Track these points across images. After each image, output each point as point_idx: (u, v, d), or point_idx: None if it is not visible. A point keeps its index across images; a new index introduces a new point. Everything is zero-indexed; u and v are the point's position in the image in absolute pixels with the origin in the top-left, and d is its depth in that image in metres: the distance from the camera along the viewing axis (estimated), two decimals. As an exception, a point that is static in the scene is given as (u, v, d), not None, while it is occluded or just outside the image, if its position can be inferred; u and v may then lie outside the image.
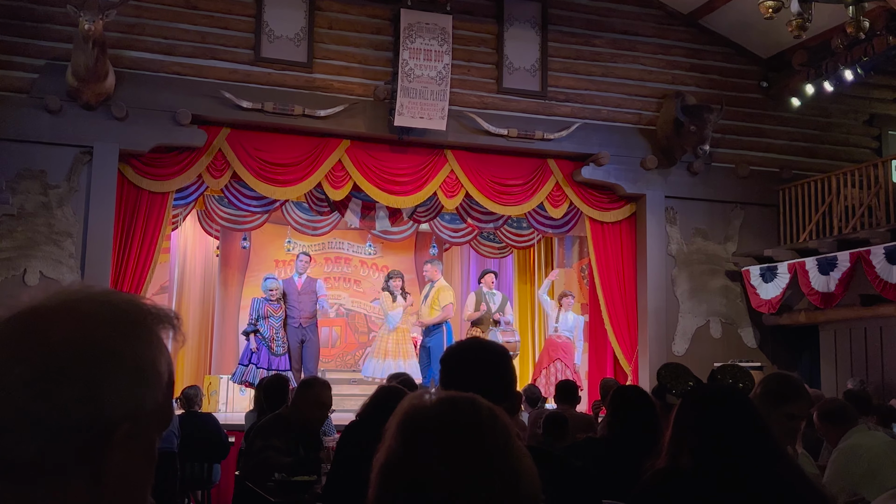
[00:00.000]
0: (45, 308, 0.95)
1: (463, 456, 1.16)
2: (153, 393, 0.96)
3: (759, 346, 11.35)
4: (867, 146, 12.29)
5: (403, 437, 1.20)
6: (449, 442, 1.17)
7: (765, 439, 2.35)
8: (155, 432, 0.98)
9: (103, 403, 0.91)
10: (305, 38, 10.30)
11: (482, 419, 1.20)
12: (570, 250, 13.34)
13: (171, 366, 1.00)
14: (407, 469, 1.18)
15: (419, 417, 1.21)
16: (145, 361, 0.96)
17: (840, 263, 9.78)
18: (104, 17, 8.73)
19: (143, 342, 0.96)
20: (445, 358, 2.42)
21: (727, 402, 2.43)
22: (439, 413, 1.21)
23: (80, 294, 0.97)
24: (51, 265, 9.27)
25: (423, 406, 1.23)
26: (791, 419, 3.20)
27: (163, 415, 0.98)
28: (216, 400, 11.83)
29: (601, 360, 11.67)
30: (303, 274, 11.46)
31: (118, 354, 0.94)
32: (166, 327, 1.00)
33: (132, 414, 0.93)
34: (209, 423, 8.09)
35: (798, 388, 3.31)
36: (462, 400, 1.24)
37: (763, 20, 8.75)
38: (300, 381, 5.83)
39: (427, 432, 1.19)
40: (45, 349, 0.91)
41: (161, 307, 1.01)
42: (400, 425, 1.22)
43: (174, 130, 9.76)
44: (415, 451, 1.18)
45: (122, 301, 0.98)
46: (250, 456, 5.18)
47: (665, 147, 11.19)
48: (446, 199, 10.95)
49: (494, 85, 10.87)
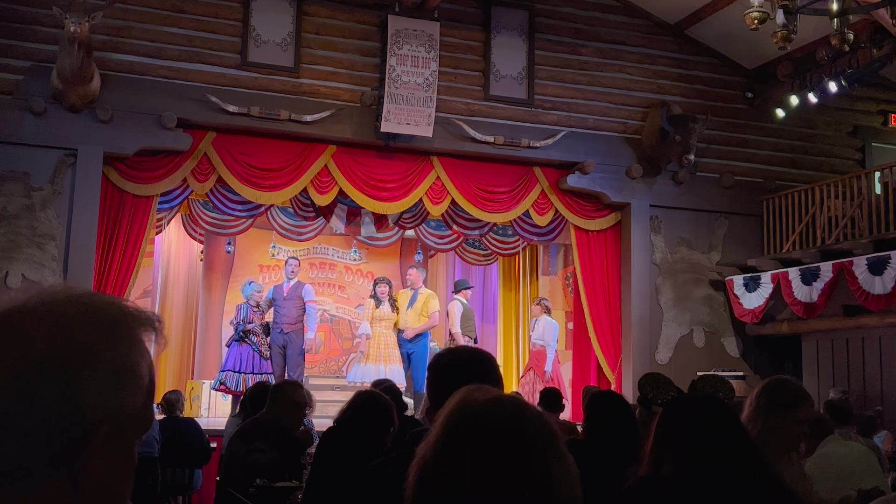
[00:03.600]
0: (25, 309, 0.94)
1: (499, 456, 1.16)
2: (133, 396, 0.95)
3: (741, 355, 11.40)
4: (851, 157, 12.38)
5: (446, 432, 1.21)
6: (488, 441, 1.17)
7: (745, 447, 2.36)
8: (135, 436, 0.97)
9: (82, 406, 0.91)
10: (292, 43, 10.29)
11: (526, 421, 1.21)
12: (554, 258, 13.36)
13: (151, 369, 0.99)
14: (444, 464, 1.18)
15: (464, 413, 1.22)
16: (126, 364, 0.95)
17: (823, 274, 9.84)
18: (90, 20, 8.69)
19: (124, 344, 0.95)
20: (433, 365, 2.43)
21: (707, 411, 2.44)
22: (484, 411, 1.21)
23: (61, 295, 0.96)
24: (33, 268, 9.21)
25: (470, 403, 1.23)
26: (798, 424, 3.23)
27: (143, 418, 0.98)
28: (198, 405, 11.77)
29: (585, 368, 11.68)
30: (292, 279, 11.41)
31: (98, 356, 0.93)
32: (148, 330, 0.99)
33: (111, 417, 0.92)
34: (191, 428, 8.06)
35: (802, 392, 3.35)
36: (509, 401, 1.25)
37: (748, 31, 8.77)
38: (272, 386, 5.84)
39: (469, 429, 1.19)
40: (24, 351, 0.90)
41: (143, 310, 1.00)
42: (446, 419, 1.22)
43: (159, 134, 9.72)
44: (454, 447, 1.18)
45: (103, 303, 0.97)
46: (232, 460, 5.15)
47: (650, 156, 11.24)
48: (432, 206, 10.95)
49: (481, 92, 10.89)
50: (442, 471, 1.17)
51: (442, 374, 2.38)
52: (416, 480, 1.20)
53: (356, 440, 4.19)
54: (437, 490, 1.17)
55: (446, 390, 2.36)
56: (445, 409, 1.24)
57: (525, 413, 1.22)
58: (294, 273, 11.48)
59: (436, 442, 1.21)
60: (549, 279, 13.33)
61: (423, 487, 1.19)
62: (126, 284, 9.68)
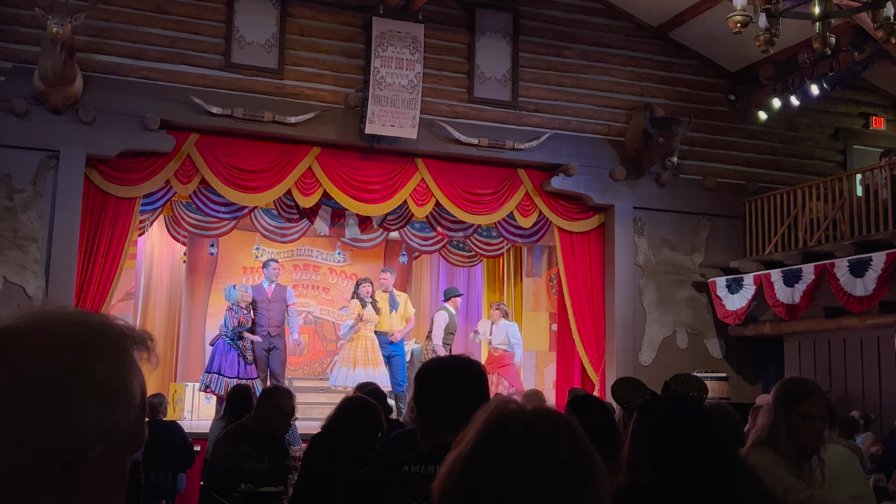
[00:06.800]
0: (17, 328, 0.94)
1: (521, 468, 1.16)
2: (126, 415, 0.95)
3: (724, 356, 11.45)
4: (832, 160, 12.46)
5: (477, 438, 1.21)
6: (511, 452, 1.18)
7: (719, 446, 2.34)
8: (127, 455, 0.97)
9: (75, 425, 0.90)
10: (276, 45, 10.27)
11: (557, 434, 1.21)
12: (538, 260, 13.37)
13: (144, 388, 0.99)
14: (471, 467, 1.19)
15: (496, 422, 1.22)
16: (118, 383, 0.95)
17: (805, 276, 9.90)
18: (73, 21, 8.63)
19: (117, 364, 0.95)
20: (421, 374, 2.43)
21: (680, 414, 2.42)
22: (517, 422, 1.21)
23: (53, 315, 0.96)
24: (15, 270, 9.14)
25: (504, 411, 1.23)
26: (805, 420, 3.25)
27: (135, 437, 0.97)
28: (181, 408, 11.71)
29: (569, 370, 11.71)
30: (273, 282, 11.37)
31: (91, 376, 0.92)
32: (140, 349, 0.99)
33: (104, 436, 0.92)
34: (174, 431, 8.02)
35: (808, 388, 3.38)
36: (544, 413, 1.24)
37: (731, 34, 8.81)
38: (262, 391, 5.80)
39: (497, 438, 1.20)
40: (16, 370, 0.90)
41: (135, 328, 1.00)
42: (480, 426, 1.22)
43: (142, 135, 9.67)
44: (481, 454, 1.19)
45: (95, 322, 0.97)
46: (219, 463, 5.14)
47: (634, 158, 11.28)
48: (416, 208, 10.95)
49: (465, 94, 10.90)
50: (471, 475, 1.17)
51: (430, 384, 2.39)
52: (444, 480, 1.20)
53: (344, 446, 4.18)
54: (465, 495, 1.17)
55: (434, 399, 2.38)
56: (481, 413, 1.23)
57: (557, 427, 1.22)
58: (276, 275, 11.44)
59: (466, 446, 1.21)
60: (533, 281, 13.35)
61: (451, 491, 1.19)
62: (108, 287, 9.63)
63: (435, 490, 1.21)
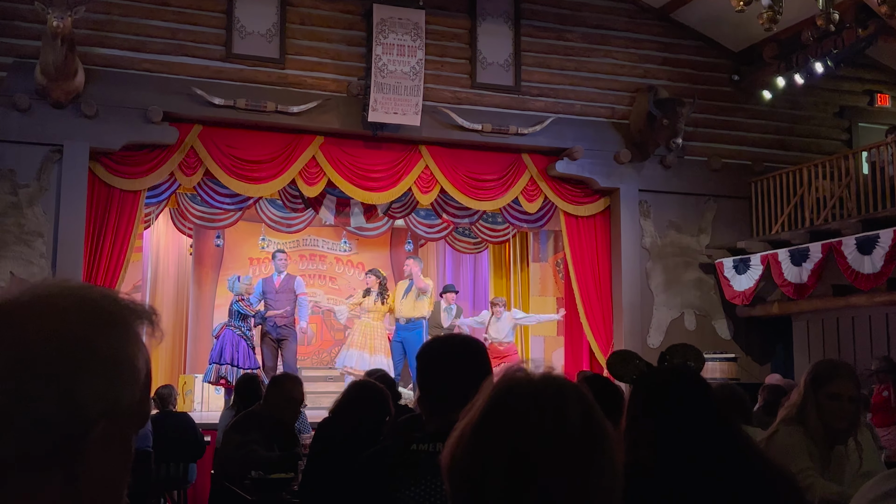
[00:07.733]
0: (20, 303, 0.92)
1: (531, 436, 1.14)
2: (130, 390, 0.94)
3: (733, 337, 11.44)
4: (838, 138, 12.41)
5: (486, 407, 1.19)
6: (520, 419, 1.15)
7: (718, 421, 2.24)
8: (132, 430, 0.96)
9: (80, 400, 0.89)
10: (277, 34, 10.24)
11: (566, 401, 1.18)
12: (544, 245, 13.36)
13: (148, 362, 0.98)
14: (480, 436, 1.16)
15: (504, 390, 1.20)
16: (123, 357, 0.94)
17: (812, 254, 9.87)
18: (73, 14, 8.62)
19: (121, 338, 0.94)
20: (422, 353, 2.42)
21: (677, 383, 2.32)
22: (525, 389, 1.19)
23: (56, 289, 0.95)
24: (21, 265, 9.16)
25: (512, 378, 1.21)
26: (833, 399, 3.25)
27: (140, 412, 0.96)
28: (191, 399, 11.75)
29: (577, 354, 11.71)
30: (282, 272, 11.37)
31: (95, 350, 0.91)
32: (144, 323, 0.98)
33: (109, 411, 0.91)
34: (184, 422, 8.05)
35: (837, 368, 3.39)
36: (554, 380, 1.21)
37: (734, 13, 8.80)
38: (271, 379, 5.80)
39: (505, 406, 1.17)
40: (19, 345, 0.89)
41: (139, 302, 0.99)
42: (489, 394, 1.20)
43: (145, 128, 9.67)
44: (490, 422, 1.17)
45: (98, 296, 0.96)
46: (229, 451, 5.15)
47: (638, 141, 11.24)
48: (421, 195, 10.93)
49: (468, 80, 10.86)
50: (480, 444, 1.16)
51: (431, 362, 2.37)
52: (452, 449, 1.19)
53: (351, 430, 4.18)
54: (474, 465, 1.15)
55: (438, 377, 2.36)
56: (489, 384, 1.22)
57: (566, 397, 1.19)
58: (284, 266, 11.45)
59: (474, 415, 1.19)
60: (540, 266, 13.34)
61: (459, 461, 1.17)
62: (115, 280, 9.65)
63: (444, 461, 1.19)
